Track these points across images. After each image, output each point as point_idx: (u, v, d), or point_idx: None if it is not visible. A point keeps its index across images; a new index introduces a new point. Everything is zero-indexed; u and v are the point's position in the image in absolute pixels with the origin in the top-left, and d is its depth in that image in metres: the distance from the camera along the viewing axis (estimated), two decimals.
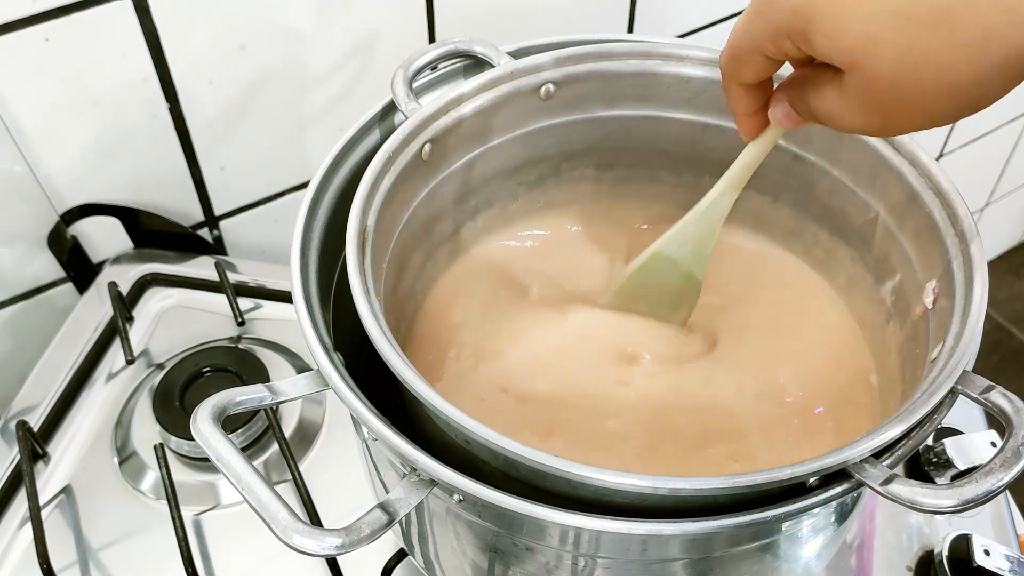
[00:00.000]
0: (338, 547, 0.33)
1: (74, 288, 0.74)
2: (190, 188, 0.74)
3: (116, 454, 0.63)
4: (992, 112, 1.36)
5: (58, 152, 0.66)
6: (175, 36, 0.64)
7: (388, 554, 0.56)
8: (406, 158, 0.47)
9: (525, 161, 0.55)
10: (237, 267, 0.74)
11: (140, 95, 0.66)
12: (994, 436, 0.61)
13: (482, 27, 0.75)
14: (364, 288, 0.40)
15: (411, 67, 0.49)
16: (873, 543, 0.58)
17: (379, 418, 0.37)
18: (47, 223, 0.70)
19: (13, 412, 0.65)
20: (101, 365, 0.68)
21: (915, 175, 0.45)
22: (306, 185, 0.67)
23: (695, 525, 0.34)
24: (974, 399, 0.36)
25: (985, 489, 0.33)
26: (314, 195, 0.45)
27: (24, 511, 0.59)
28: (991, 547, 0.55)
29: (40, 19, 0.59)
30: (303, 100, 0.73)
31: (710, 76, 0.50)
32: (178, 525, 0.56)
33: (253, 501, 0.34)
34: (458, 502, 0.37)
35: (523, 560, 0.40)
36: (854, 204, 0.50)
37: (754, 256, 0.57)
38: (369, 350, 0.39)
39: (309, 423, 0.65)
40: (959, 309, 0.40)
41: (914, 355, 0.45)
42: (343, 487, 0.60)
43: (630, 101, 0.53)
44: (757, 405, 0.50)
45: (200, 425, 0.36)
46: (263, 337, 0.69)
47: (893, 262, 0.48)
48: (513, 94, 0.50)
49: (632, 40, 0.51)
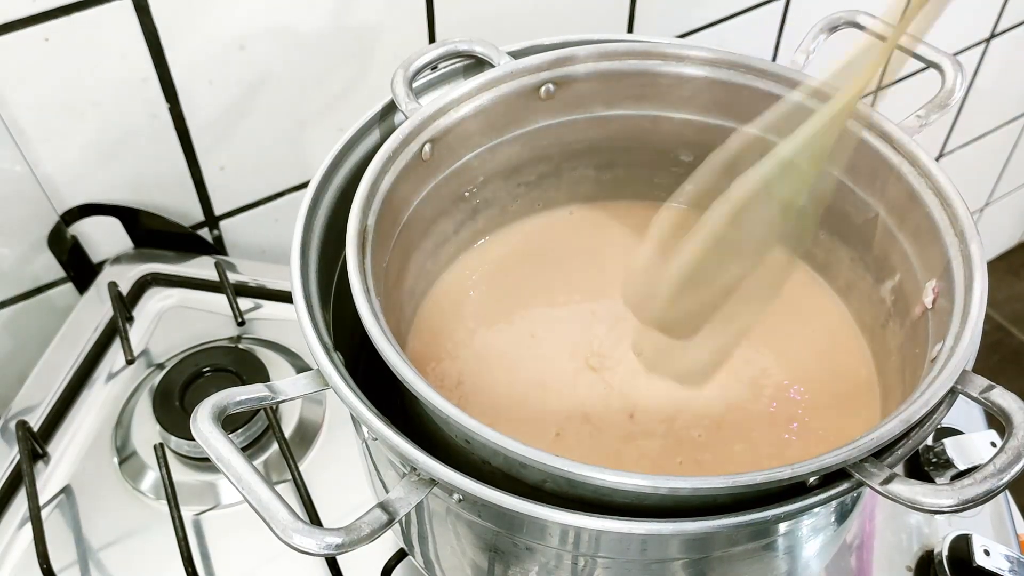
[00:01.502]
0: (338, 547, 0.33)
1: (74, 288, 0.74)
2: (190, 188, 0.74)
3: (116, 454, 0.63)
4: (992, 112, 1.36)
5: (58, 152, 0.66)
6: (175, 36, 0.64)
7: (388, 554, 0.56)
8: (406, 158, 0.47)
9: (525, 161, 0.55)
10: (237, 267, 0.74)
11: (140, 95, 0.66)
12: (994, 436, 0.61)
13: (482, 27, 0.75)
14: (364, 288, 0.40)
15: (411, 67, 0.49)
16: (873, 543, 0.58)
17: (379, 418, 0.37)
18: (47, 223, 0.70)
19: (13, 412, 0.64)
20: (101, 365, 0.68)
21: (915, 175, 0.45)
22: (306, 185, 0.67)
23: (695, 525, 0.34)
24: (974, 399, 0.36)
25: (985, 489, 0.33)
26: (314, 195, 0.45)
27: (24, 511, 0.59)
28: (991, 547, 0.55)
29: (40, 19, 0.59)
30: (303, 100, 0.73)
31: (710, 76, 0.50)
32: (178, 525, 0.56)
33: (253, 501, 0.34)
34: (458, 502, 0.37)
35: (523, 560, 0.40)
36: (854, 204, 0.50)
37: None
38: (369, 350, 0.39)
39: (309, 423, 0.65)
40: (959, 309, 0.40)
41: (914, 355, 0.45)
42: (343, 487, 0.60)
43: (630, 101, 0.53)
44: (756, 404, 0.50)
45: (200, 425, 0.36)
46: (263, 337, 0.69)
47: (893, 262, 0.48)
48: (513, 94, 0.50)
49: (632, 40, 0.51)
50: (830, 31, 0.51)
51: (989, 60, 1.21)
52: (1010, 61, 1.25)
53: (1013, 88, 1.32)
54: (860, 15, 0.50)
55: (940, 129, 1.28)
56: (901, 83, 1.13)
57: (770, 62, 0.50)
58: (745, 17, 0.91)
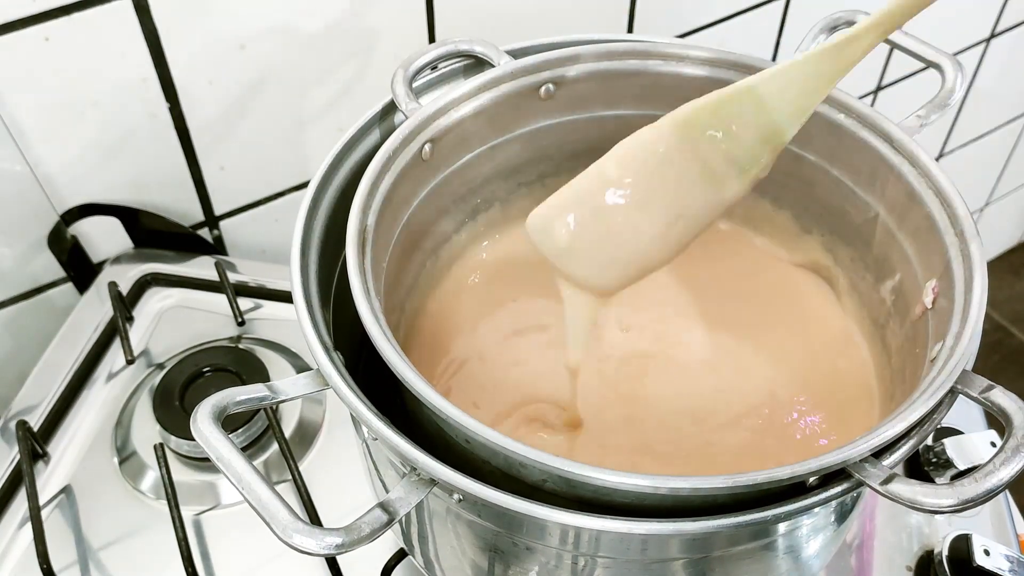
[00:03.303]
0: (338, 546, 0.33)
1: (74, 288, 0.74)
2: (190, 188, 0.74)
3: (116, 454, 0.63)
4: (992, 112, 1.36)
5: (58, 152, 0.66)
6: (175, 36, 0.64)
7: (388, 554, 0.56)
8: (406, 158, 0.47)
9: (525, 161, 0.55)
10: (237, 267, 0.74)
11: (140, 95, 0.66)
12: (994, 436, 0.61)
13: (482, 27, 0.75)
14: (364, 288, 0.40)
15: (411, 67, 0.49)
16: (873, 543, 0.58)
17: (379, 418, 0.37)
18: (47, 223, 0.70)
19: (13, 412, 0.64)
20: (101, 365, 0.68)
21: (915, 175, 0.45)
22: (306, 185, 0.67)
23: (695, 525, 0.34)
24: (974, 399, 0.36)
25: (985, 489, 0.33)
26: (314, 195, 0.45)
27: (24, 511, 0.59)
28: (991, 547, 0.55)
29: (40, 19, 0.59)
30: (303, 100, 0.73)
31: (710, 76, 0.50)
32: (178, 525, 0.56)
33: (253, 501, 0.34)
34: (458, 502, 0.37)
35: (523, 560, 0.40)
36: (854, 204, 0.50)
37: (754, 255, 0.57)
38: (369, 350, 0.39)
39: (309, 423, 0.65)
40: (959, 309, 0.40)
41: (914, 355, 0.45)
42: (343, 487, 0.60)
43: (630, 101, 0.53)
44: (756, 404, 0.50)
45: (200, 425, 0.36)
46: (263, 337, 0.69)
47: (893, 262, 0.48)
48: (513, 94, 0.50)
49: (632, 40, 0.51)
50: (830, 31, 0.51)
51: (989, 60, 1.21)
52: (1010, 61, 1.25)
53: (1013, 88, 1.32)
54: (860, 15, 0.50)
55: (940, 129, 1.28)
56: (901, 83, 1.13)
57: (770, 62, 0.50)
58: (745, 17, 0.91)
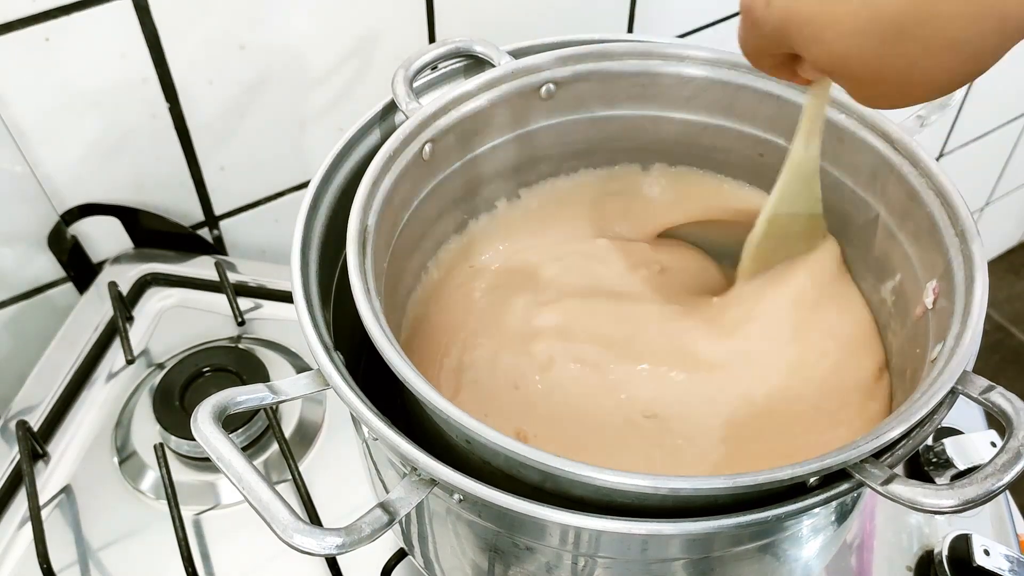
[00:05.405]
0: (338, 547, 0.33)
1: (74, 288, 0.74)
2: (190, 188, 0.74)
3: (116, 454, 0.63)
4: (992, 112, 1.36)
5: (58, 152, 0.66)
6: (175, 36, 0.64)
7: (388, 554, 0.56)
8: (406, 158, 0.47)
9: (525, 161, 0.55)
10: (237, 267, 0.74)
11: (140, 95, 0.66)
12: (994, 436, 0.61)
13: (482, 27, 0.75)
14: (364, 288, 0.40)
15: (411, 67, 0.49)
16: (873, 543, 0.58)
17: (379, 418, 0.37)
18: (47, 223, 0.70)
19: (13, 412, 0.64)
20: (101, 365, 0.68)
21: (915, 175, 0.45)
22: (306, 185, 0.67)
23: (695, 525, 0.34)
24: (974, 399, 0.37)
25: (985, 489, 0.33)
26: (314, 195, 0.45)
27: (24, 511, 0.59)
28: (991, 547, 0.55)
29: (40, 19, 0.59)
30: (303, 100, 0.73)
31: (710, 76, 0.50)
32: (178, 525, 0.56)
33: (254, 501, 0.34)
34: (458, 502, 0.37)
35: (523, 560, 0.40)
36: (854, 204, 0.50)
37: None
38: (369, 350, 0.39)
39: (309, 423, 0.65)
40: (959, 309, 0.40)
41: (914, 355, 0.45)
42: (343, 487, 0.60)
43: (630, 101, 0.53)
44: (756, 404, 0.50)
45: (200, 425, 0.36)
46: (263, 337, 0.69)
47: (893, 262, 0.48)
48: (513, 94, 0.50)
49: (632, 40, 0.51)
50: None
51: None
52: (1010, 61, 1.24)
53: (1013, 88, 1.32)
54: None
55: (940, 129, 1.28)
56: None
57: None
58: None
